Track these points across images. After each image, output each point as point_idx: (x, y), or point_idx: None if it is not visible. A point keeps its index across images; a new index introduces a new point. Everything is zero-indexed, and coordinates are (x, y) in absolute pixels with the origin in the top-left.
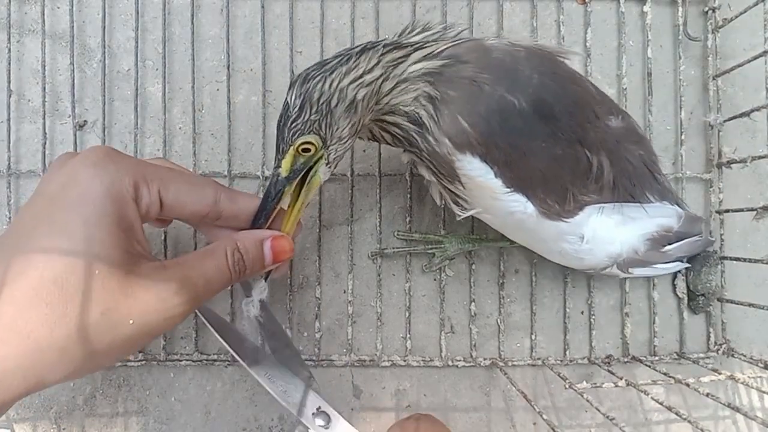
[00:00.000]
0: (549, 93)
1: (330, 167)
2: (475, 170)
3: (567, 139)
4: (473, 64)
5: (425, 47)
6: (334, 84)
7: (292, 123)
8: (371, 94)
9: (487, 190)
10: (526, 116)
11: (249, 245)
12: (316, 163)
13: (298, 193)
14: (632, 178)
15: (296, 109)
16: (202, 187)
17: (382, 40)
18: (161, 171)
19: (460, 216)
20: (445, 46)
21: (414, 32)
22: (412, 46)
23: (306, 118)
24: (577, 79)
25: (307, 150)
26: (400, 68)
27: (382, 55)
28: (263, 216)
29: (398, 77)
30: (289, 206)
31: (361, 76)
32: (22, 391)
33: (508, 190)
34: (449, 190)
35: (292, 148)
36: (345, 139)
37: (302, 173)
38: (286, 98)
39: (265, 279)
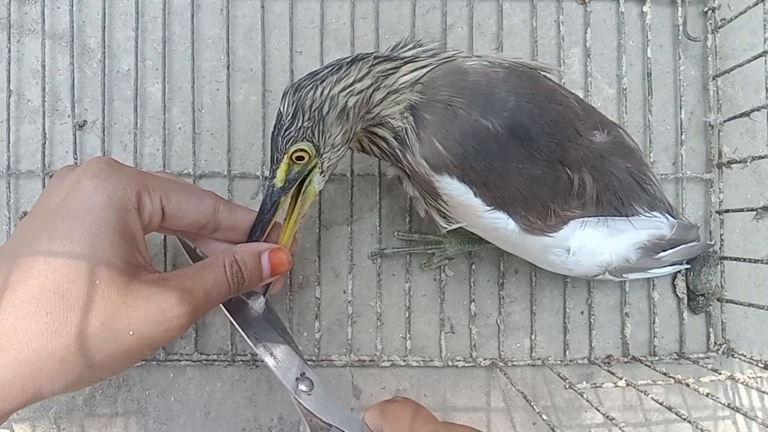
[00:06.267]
0: (525, 115)
1: (324, 176)
2: (455, 190)
3: (545, 159)
4: (449, 87)
5: (416, 61)
6: (326, 91)
7: (285, 131)
8: (362, 103)
9: (469, 208)
10: (500, 139)
11: (247, 258)
12: (310, 172)
13: (293, 206)
14: (618, 191)
15: (289, 117)
16: (202, 197)
17: (373, 53)
18: (163, 181)
19: (445, 228)
20: (436, 63)
21: (407, 47)
22: (402, 59)
23: (299, 126)
24: (558, 97)
25: (300, 158)
26: (391, 79)
27: (373, 65)
28: (260, 228)
29: (389, 87)
30: (285, 219)
31: (351, 85)
32: (20, 401)
33: (489, 208)
34: (434, 206)
35: (286, 156)
36: (338, 147)
37: (297, 183)
38: (279, 108)
39: (264, 294)
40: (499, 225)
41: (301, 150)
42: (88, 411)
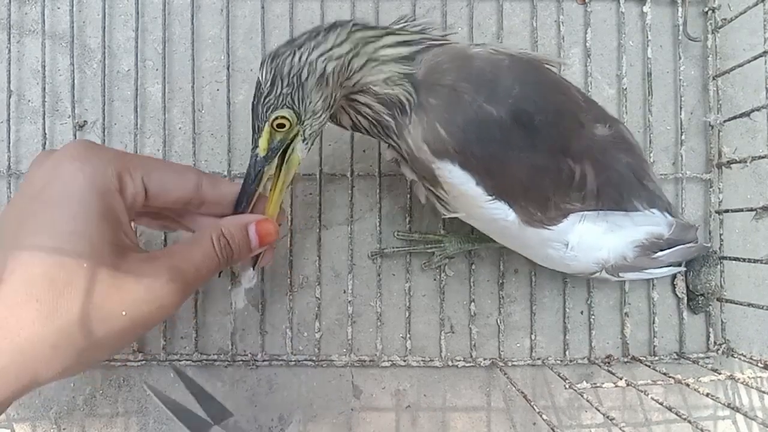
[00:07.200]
0: (530, 103)
1: (306, 144)
2: (456, 178)
3: (548, 149)
4: (455, 72)
5: (399, 34)
6: (303, 57)
7: (265, 99)
8: (341, 68)
9: (470, 198)
10: (504, 126)
11: (234, 230)
12: (292, 140)
13: (278, 176)
14: (618, 186)
15: (268, 85)
16: (184, 172)
17: (351, 19)
18: (143, 159)
19: (445, 215)
20: (419, 38)
21: (400, 22)
22: (383, 28)
23: (278, 93)
24: (562, 88)
25: (282, 126)
26: (371, 46)
27: (351, 32)
28: (245, 200)
29: (369, 55)
30: (270, 189)
31: (329, 50)
32: (16, 389)
33: (490, 198)
34: (433, 192)
35: (267, 124)
36: (318, 114)
37: (280, 152)
38: (257, 77)
39: (253, 267)
40: (499, 216)
41: (282, 117)
42: (88, 411)
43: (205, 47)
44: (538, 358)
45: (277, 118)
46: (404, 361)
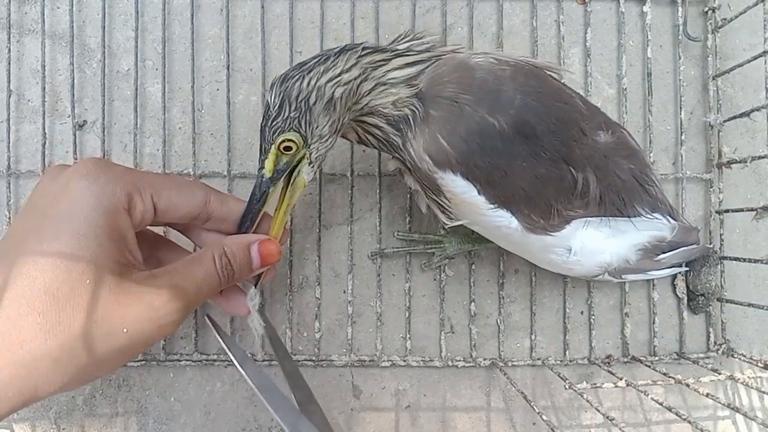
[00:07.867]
0: (532, 113)
1: (312, 167)
2: (458, 187)
3: (550, 157)
4: (456, 83)
5: (407, 55)
6: (312, 82)
7: (272, 122)
8: (349, 94)
9: (472, 206)
10: (506, 137)
11: (236, 250)
12: (299, 163)
13: (283, 197)
14: (621, 192)
15: (276, 108)
16: (192, 189)
17: (362, 43)
18: (152, 177)
19: (447, 225)
20: (428, 58)
21: (405, 40)
22: (392, 51)
23: (286, 116)
24: (564, 96)
25: (288, 149)
26: (380, 71)
27: (361, 56)
28: (249, 219)
29: (377, 79)
30: (275, 210)
31: (338, 75)
32: (17, 402)
33: (492, 206)
34: (435, 201)
35: (273, 147)
36: (325, 138)
37: (285, 174)
38: (266, 99)
39: (255, 285)
40: (501, 223)
41: (288, 140)
42: (88, 411)
43: (205, 47)
44: (538, 358)
45: (283, 141)
46: (404, 361)
